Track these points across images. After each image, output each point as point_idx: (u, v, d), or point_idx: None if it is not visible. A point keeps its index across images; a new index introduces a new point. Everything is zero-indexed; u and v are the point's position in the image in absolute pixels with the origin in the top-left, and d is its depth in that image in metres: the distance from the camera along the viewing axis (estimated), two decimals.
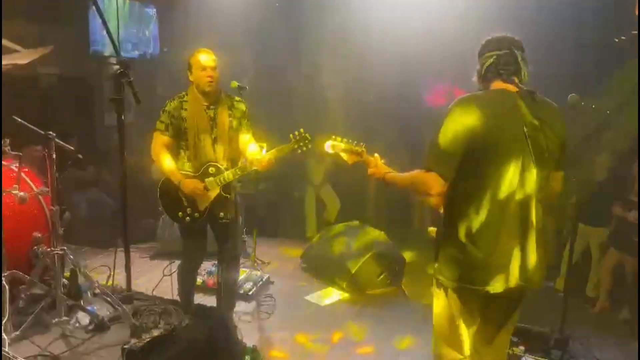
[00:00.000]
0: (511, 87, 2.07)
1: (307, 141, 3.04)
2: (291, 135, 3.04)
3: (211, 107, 3.18)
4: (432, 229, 2.30)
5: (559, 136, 2.07)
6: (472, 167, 2.00)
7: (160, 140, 3.16)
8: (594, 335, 3.73)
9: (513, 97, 2.04)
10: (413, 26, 5.49)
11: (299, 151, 3.06)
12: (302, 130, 3.06)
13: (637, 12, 5.13)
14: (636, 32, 5.05)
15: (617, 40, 5.12)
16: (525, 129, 2.00)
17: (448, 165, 1.99)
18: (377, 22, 5.74)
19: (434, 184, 1.99)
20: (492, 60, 2.09)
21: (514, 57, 2.08)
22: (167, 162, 3.15)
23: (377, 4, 5.75)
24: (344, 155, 2.49)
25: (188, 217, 3.18)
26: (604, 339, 3.75)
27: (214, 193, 3.15)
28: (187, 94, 3.20)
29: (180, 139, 3.19)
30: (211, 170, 3.16)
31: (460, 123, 1.97)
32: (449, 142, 1.98)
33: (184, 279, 3.44)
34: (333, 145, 2.49)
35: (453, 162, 1.99)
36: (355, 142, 2.49)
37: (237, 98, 3.38)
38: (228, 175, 3.12)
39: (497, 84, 2.10)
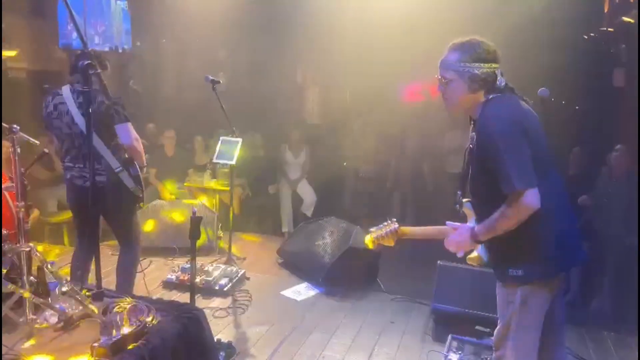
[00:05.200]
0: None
1: None
2: None
3: None
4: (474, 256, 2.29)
5: None
6: (534, 160, 2.01)
7: None
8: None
9: (514, 97, 2.14)
10: (390, 23, 5.51)
11: None
12: None
13: (606, 10, 5.25)
14: (605, 29, 5.17)
15: (586, 37, 5.23)
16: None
17: (532, 173, 1.96)
18: (355, 18, 5.73)
19: (535, 199, 1.94)
20: (494, 72, 2.11)
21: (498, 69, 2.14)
22: None
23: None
24: (385, 242, 2.38)
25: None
26: (575, 331, 3.82)
27: None
28: None
29: None
30: None
31: (516, 129, 1.99)
32: (521, 154, 1.97)
33: None
34: (370, 241, 2.40)
35: (532, 167, 1.97)
36: (388, 221, 2.38)
37: None
38: None
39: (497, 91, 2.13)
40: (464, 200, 2.31)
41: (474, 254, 2.30)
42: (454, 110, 2.25)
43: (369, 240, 2.40)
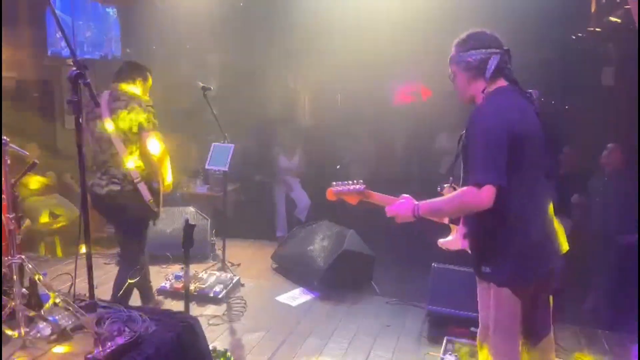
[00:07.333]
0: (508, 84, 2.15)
1: None
2: None
3: None
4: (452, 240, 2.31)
5: None
6: (518, 164, 2.00)
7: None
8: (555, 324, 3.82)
9: (517, 92, 2.13)
10: (380, 26, 5.52)
11: None
12: None
13: (593, 10, 5.29)
14: (592, 28, 5.21)
15: (574, 37, 5.28)
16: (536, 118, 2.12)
17: (503, 172, 1.95)
18: (344, 21, 5.75)
19: (490, 195, 1.94)
20: (498, 57, 2.11)
21: (509, 55, 2.15)
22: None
23: (343, 3, 5.75)
24: (347, 198, 2.47)
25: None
26: (570, 329, 3.84)
27: None
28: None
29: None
30: None
31: (501, 127, 1.98)
32: (495, 152, 1.96)
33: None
34: (329, 192, 2.50)
35: (504, 167, 1.96)
36: (354, 180, 2.45)
37: None
38: None
39: (501, 82, 2.14)
40: (446, 185, 2.34)
41: (450, 238, 2.33)
42: (465, 102, 2.29)
43: (328, 191, 2.51)
